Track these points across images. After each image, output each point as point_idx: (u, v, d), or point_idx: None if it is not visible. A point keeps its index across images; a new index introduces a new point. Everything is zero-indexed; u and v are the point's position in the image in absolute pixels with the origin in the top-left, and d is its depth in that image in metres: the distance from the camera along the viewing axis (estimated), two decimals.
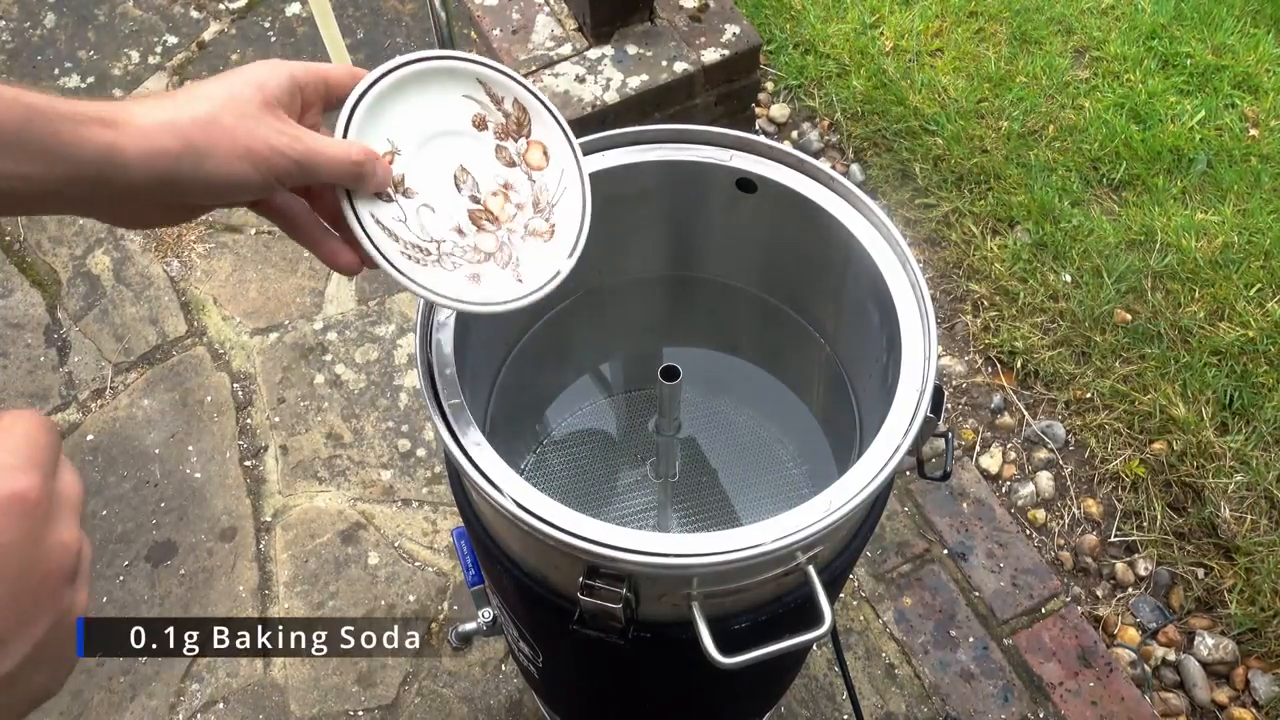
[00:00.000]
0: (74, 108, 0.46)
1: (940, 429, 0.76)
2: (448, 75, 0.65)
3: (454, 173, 0.66)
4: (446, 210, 0.66)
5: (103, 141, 0.46)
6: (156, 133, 0.48)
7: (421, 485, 1.69)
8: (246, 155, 0.51)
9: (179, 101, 0.50)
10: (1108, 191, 2.03)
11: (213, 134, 0.50)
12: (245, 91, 0.51)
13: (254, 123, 0.51)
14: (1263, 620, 1.52)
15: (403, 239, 0.62)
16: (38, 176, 0.45)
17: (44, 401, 1.80)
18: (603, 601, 0.67)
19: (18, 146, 0.44)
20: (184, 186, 0.50)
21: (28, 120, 0.44)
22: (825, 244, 0.86)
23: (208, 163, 0.50)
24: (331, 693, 1.49)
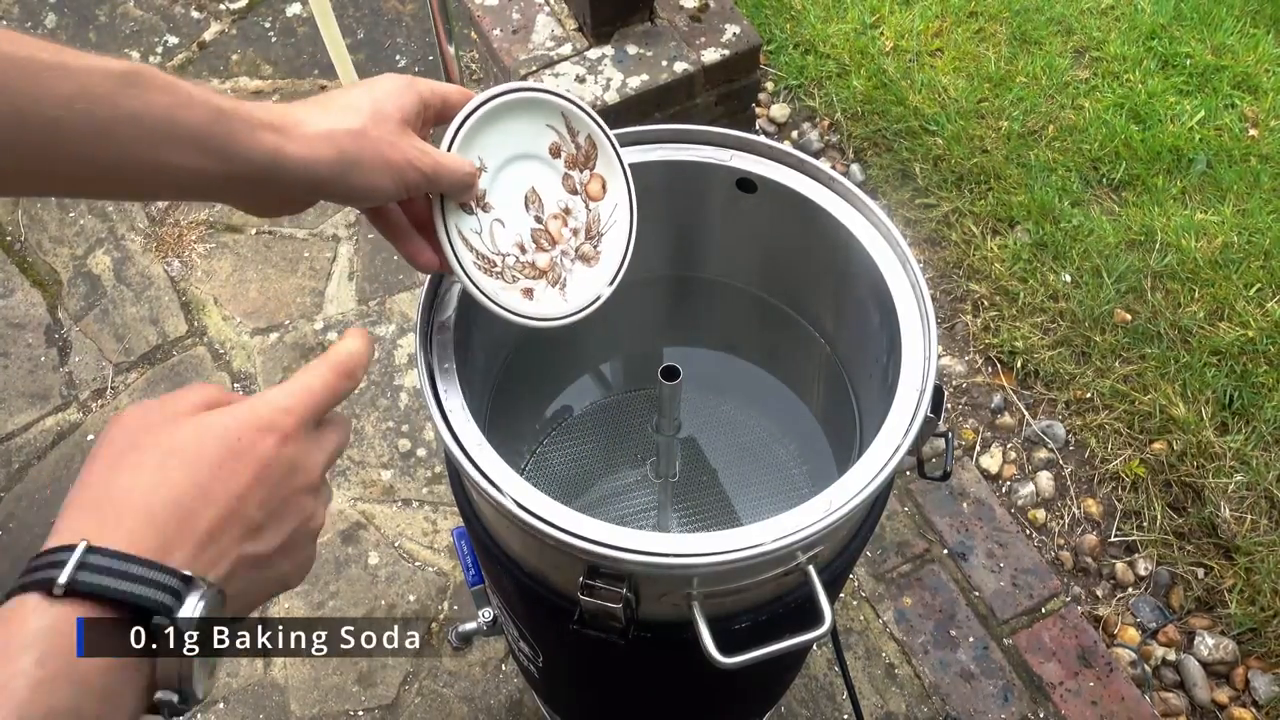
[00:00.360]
0: (251, 112, 0.51)
1: (940, 429, 0.76)
2: (539, 105, 0.72)
3: (525, 193, 0.73)
4: (514, 227, 0.72)
5: (272, 146, 0.52)
6: (317, 141, 0.54)
7: (422, 485, 1.69)
8: (387, 168, 0.58)
9: (332, 112, 0.56)
10: (1108, 191, 2.03)
11: (363, 146, 0.56)
12: (387, 108, 0.58)
13: (395, 137, 0.58)
14: (1263, 620, 1.52)
15: (475, 249, 0.68)
16: (212, 172, 0.50)
17: (45, 401, 1.80)
18: (603, 601, 0.67)
19: (203, 145, 0.49)
20: (330, 189, 0.56)
21: (214, 121, 0.49)
22: (825, 244, 0.86)
23: (355, 172, 0.56)
24: (332, 692, 1.49)
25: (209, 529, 0.40)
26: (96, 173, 0.47)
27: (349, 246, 1.98)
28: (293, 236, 2.00)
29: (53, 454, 1.74)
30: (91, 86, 0.44)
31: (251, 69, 2.29)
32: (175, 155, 0.48)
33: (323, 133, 0.54)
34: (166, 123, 0.47)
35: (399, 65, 2.28)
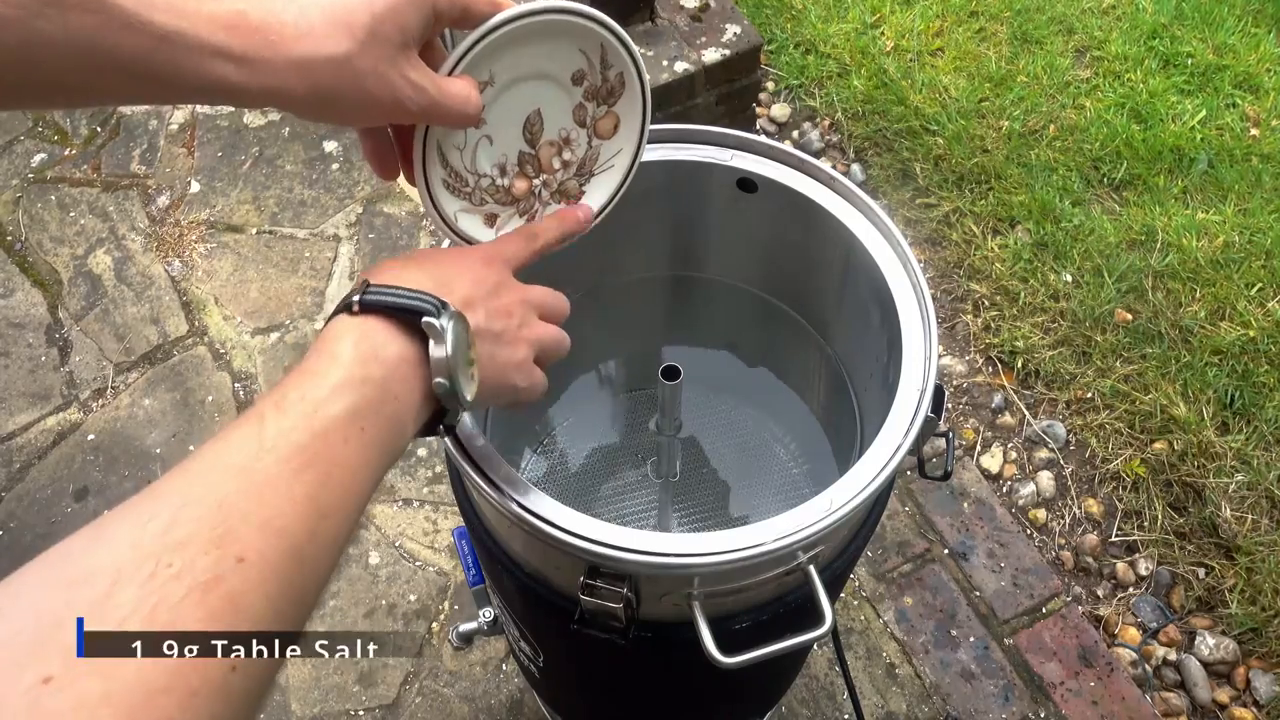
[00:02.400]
0: (203, 33, 0.44)
1: (941, 429, 0.76)
2: (576, 30, 0.63)
3: (529, 114, 0.65)
4: (502, 147, 0.65)
5: (224, 77, 0.46)
6: (287, 72, 0.47)
7: (422, 485, 1.69)
8: (371, 104, 0.51)
9: (320, 32, 0.47)
10: (1109, 191, 2.03)
11: (344, 80, 0.49)
12: (386, 27, 0.49)
13: (386, 66, 0.50)
14: (1264, 620, 1.52)
15: (451, 164, 0.63)
16: (156, 97, 0.47)
17: (45, 401, 1.80)
18: (604, 601, 0.67)
19: (138, 76, 0.44)
20: (301, 115, 0.51)
21: (153, 50, 0.44)
22: (826, 244, 0.86)
23: (331, 107, 0.51)
24: (332, 692, 1.49)
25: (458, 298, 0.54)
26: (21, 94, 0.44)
27: (350, 246, 1.98)
28: (293, 236, 2.00)
29: (53, 454, 1.74)
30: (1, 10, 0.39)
31: None
32: (107, 83, 0.44)
33: (296, 60, 0.47)
34: (91, 50, 0.42)
35: None
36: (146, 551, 0.35)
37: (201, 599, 0.35)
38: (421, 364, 0.50)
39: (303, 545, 0.40)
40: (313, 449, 0.42)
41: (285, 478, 0.41)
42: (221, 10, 0.45)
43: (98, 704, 0.31)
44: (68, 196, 2.08)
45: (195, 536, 0.36)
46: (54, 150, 2.16)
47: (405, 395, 0.49)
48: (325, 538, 0.42)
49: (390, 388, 0.48)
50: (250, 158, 2.13)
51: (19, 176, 2.12)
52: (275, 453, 0.41)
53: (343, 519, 0.44)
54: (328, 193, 2.06)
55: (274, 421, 0.42)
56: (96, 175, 2.12)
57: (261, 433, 0.42)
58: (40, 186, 2.10)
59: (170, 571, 0.35)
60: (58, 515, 1.67)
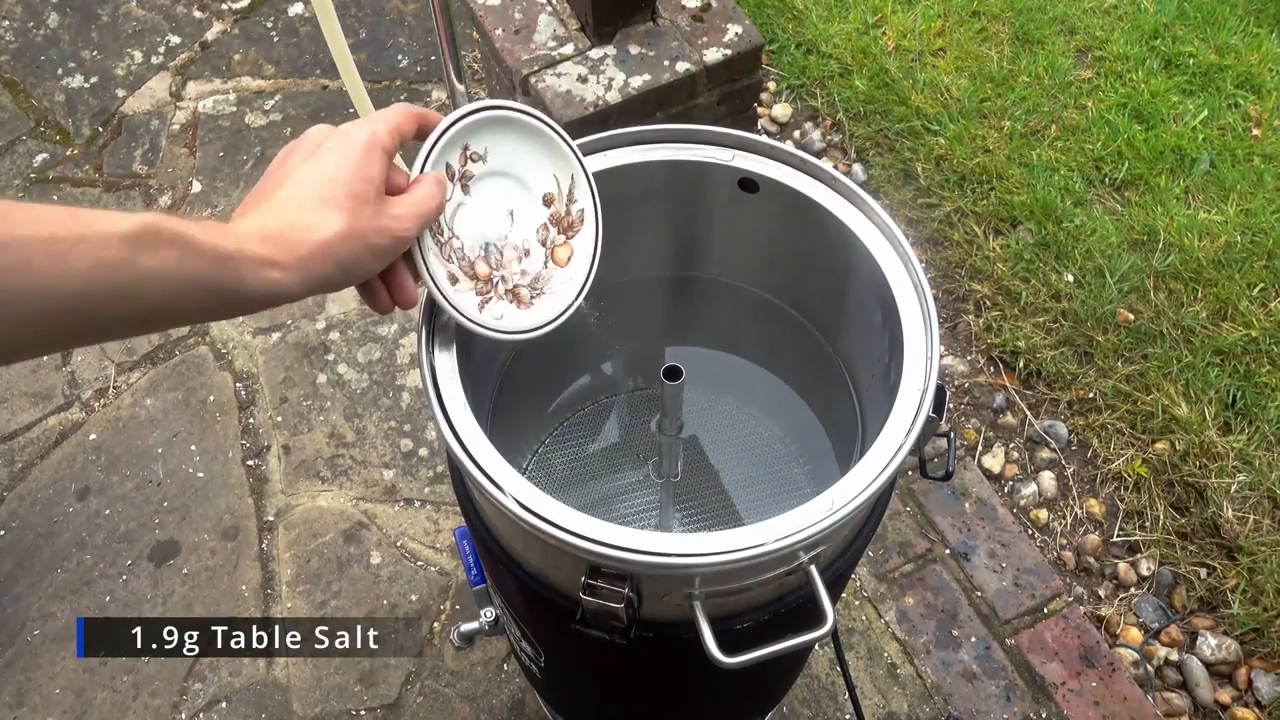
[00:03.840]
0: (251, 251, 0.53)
1: (942, 429, 0.76)
2: (557, 151, 0.73)
3: (508, 208, 0.72)
4: (478, 224, 0.71)
5: (275, 281, 0.54)
6: (314, 263, 0.56)
7: (424, 485, 1.69)
8: (378, 255, 0.60)
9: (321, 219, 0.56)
10: (1110, 191, 2.03)
11: (351, 246, 0.57)
12: (360, 189, 0.58)
13: (376, 220, 0.59)
14: (1266, 620, 1.52)
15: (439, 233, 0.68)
16: (220, 309, 0.54)
17: (47, 401, 1.81)
18: (605, 601, 0.67)
19: (210, 291, 0.52)
20: (341, 288, 0.60)
21: (220, 268, 0.52)
22: (827, 244, 0.86)
23: (353, 273, 0.59)
24: (334, 692, 1.49)
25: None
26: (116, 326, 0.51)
27: None
28: None
29: (55, 453, 1.74)
30: (108, 256, 0.48)
31: (254, 69, 2.29)
32: (188, 302, 0.52)
33: (317, 247, 0.56)
34: (178, 276, 0.50)
35: (401, 65, 2.28)
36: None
37: None
38: None
39: None
40: None
41: None
42: (252, 228, 0.54)
43: None
44: (70, 196, 2.08)
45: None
46: (56, 150, 2.16)
47: None
48: None
49: None
50: (252, 158, 2.13)
51: (21, 176, 2.12)
52: None
53: None
54: None
55: None
56: (98, 175, 2.12)
57: None
58: (42, 186, 2.10)
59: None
60: (59, 515, 1.67)
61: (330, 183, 0.57)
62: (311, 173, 0.57)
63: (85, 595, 1.59)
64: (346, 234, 0.57)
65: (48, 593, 1.60)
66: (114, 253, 0.48)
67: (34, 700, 1.50)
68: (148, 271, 0.49)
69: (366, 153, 0.59)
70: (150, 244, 0.49)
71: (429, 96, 2.22)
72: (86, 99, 2.25)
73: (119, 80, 2.28)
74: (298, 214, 0.56)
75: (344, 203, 0.57)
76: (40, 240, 0.46)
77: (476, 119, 0.67)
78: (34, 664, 1.53)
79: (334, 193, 0.57)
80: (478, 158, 0.69)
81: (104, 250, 0.47)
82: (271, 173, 0.59)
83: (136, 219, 0.49)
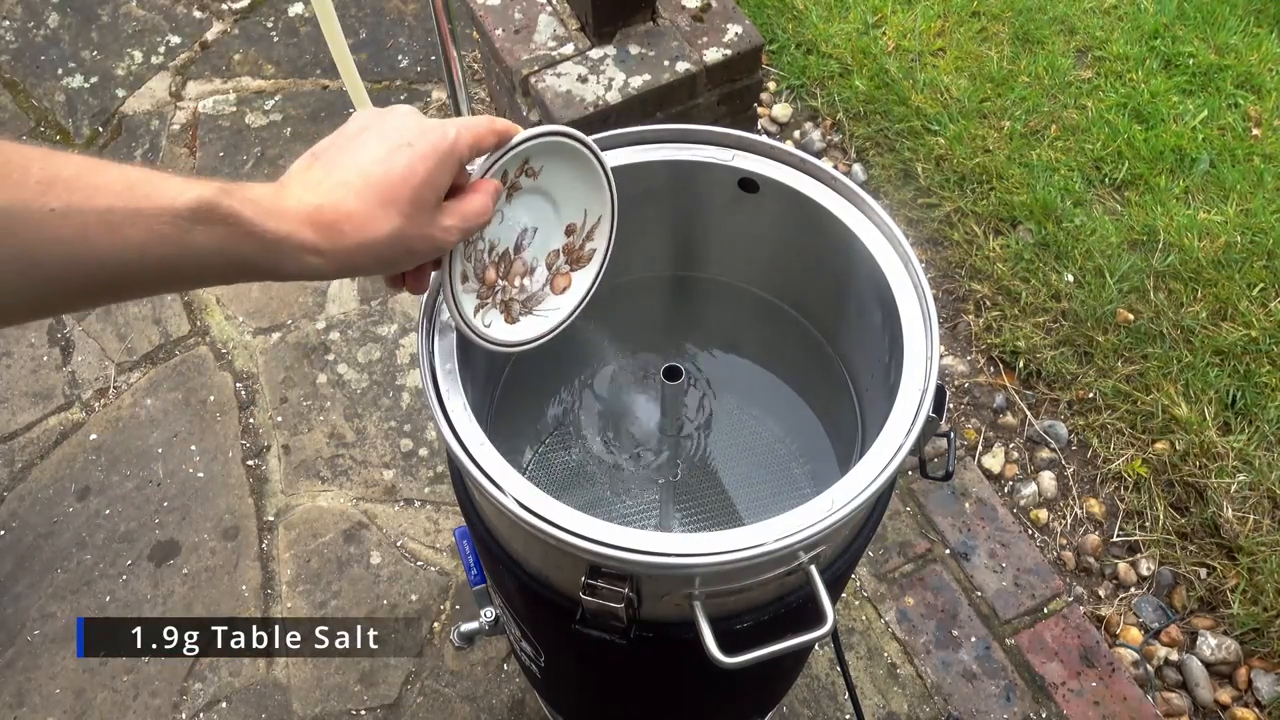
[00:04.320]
0: (298, 238, 0.53)
1: (942, 429, 0.76)
2: (600, 192, 0.76)
3: (526, 226, 0.74)
4: (501, 232, 0.72)
5: (315, 267, 0.55)
6: (356, 254, 0.56)
7: (424, 485, 1.69)
8: (419, 258, 0.60)
9: (377, 216, 0.56)
10: (1110, 191, 2.03)
11: (397, 248, 0.57)
12: (425, 196, 0.57)
13: (429, 229, 0.59)
14: (1265, 620, 1.52)
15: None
16: (245, 281, 0.55)
17: (48, 401, 1.81)
18: (605, 601, 0.67)
19: (251, 272, 0.53)
20: (365, 275, 0.61)
21: (264, 252, 0.52)
22: (827, 244, 0.86)
23: (389, 267, 0.60)
24: (334, 692, 1.49)
25: None
26: (152, 290, 0.52)
27: None
28: None
29: (55, 453, 1.74)
30: (162, 231, 0.48)
31: (254, 69, 2.29)
32: (224, 275, 0.53)
33: (361, 244, 0.55)
34: (225, 255, 0.51)
35: (401, 65, 2.28)
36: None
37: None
38: None
39: None
40: None
41: None
42: (303, 207, 0.54)
43: None
44: None
45: None
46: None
47: None
48: None
49: None
50: (252, 158, 2.13)
51: None
52: None
53: None
54: None
55: None
56: None
57: None
58: None
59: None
60: (60, 515, 1.67)
61: (399, 182, 0.56)
62: (384, 163, 0.56)
63: (85, 595, 1.59)
64: (398, 237, 0.56)
65: (48, 593, 1.60)
66: (168, 228, 0.48)
67: (34, 700, 1.50)
68: (196, 249, 0.50)
69: (443, 160, 0.58)
70: (204, 221, 0.49)
71: (429, 96, 2.22)
72: (86, 99, 2.25)
73: (119, 80, 2.28)
74: (357, 205, 0.55)
75: (405, 207, 0.56)
76: (97, 212, 0.46)
77: (549, 141, 0.68)
78: (34, 664, 1.53)
79: (399, 194, 0.56)
80: (532, 173, 0.70)
81: (158, 224, 0.48)
82: (347, 137, 0.58)
83: (195, 193, 0.49)
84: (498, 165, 0.64)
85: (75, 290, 0.47)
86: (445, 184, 0.59)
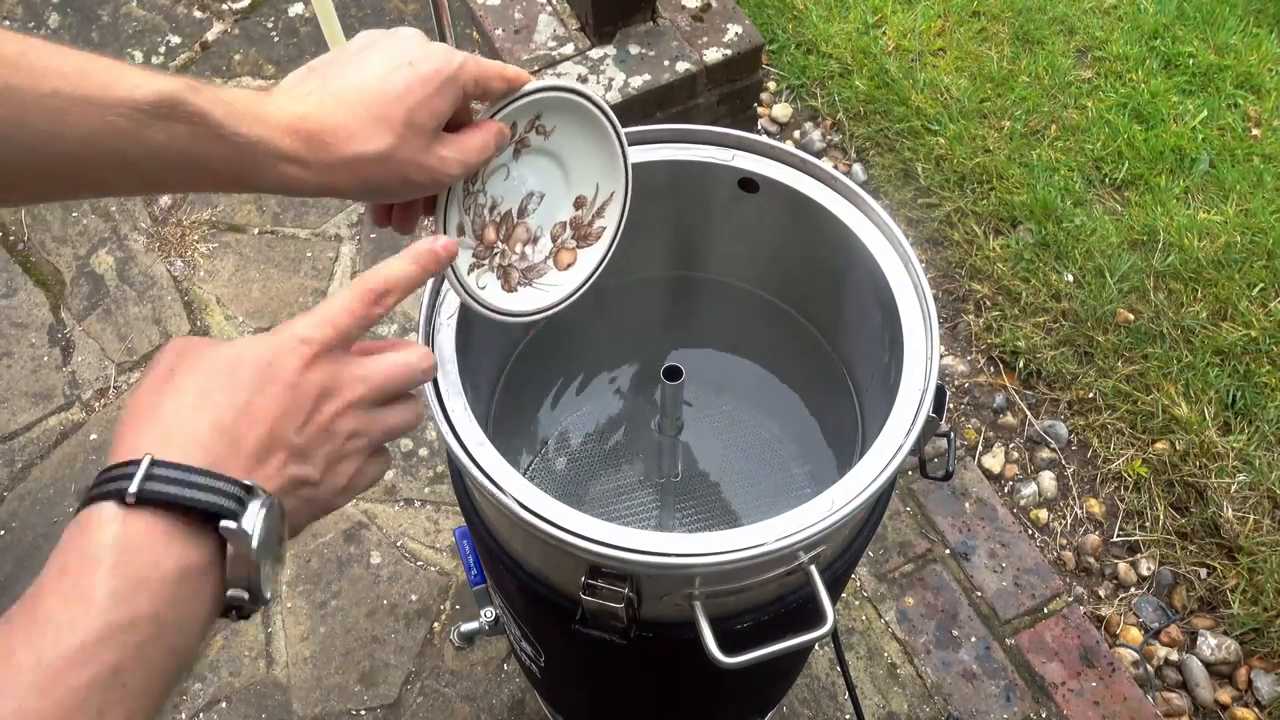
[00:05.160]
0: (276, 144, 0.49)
1: (942, 429, 0.76)
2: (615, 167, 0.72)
3: (534, 190, 0.71)
4: (507, 190, 0.69)
5: (289, 176, 0.51)
6: (338, 170, 0.52)
7: (424, 485, 1.69)
8: (412, 187, 0.56)
9: (366, 131, 0.52)
10: (1110, 191, 2.03)
11: (387, 170, 0.53)
12: (422, 119, 0.54)
13: (423, 155, 0.55)
14: (1265, 620, 1.52)
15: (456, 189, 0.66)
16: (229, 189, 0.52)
17: (48, 401, 1.81)
18: (605, 601, 0.67)
19: (220, 177, 0.50)
20: (352, 200, 0.56)
21: (234, 156, 0.49)
22: (827, 244, 0.86)
23: (376, 193, 0.56)
24: (334, 692, 1.49)
25: (254, 449, 0.43)
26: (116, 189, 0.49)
27: (351, 246, 1.98)
28: (295, 236, 2.00)
29: (56, 453, 1.74)
30: (113, 123, 0.44)
31: (254, 69, 2.29)
32: (199, 184, 0.50)
33: (346, 160, 0.52)
34: (187, 157, 0.47)
35: None
36: None
37: None
38: (210, 569, 0.41)
39: None
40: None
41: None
42: (286, 115, 0.50)
43: None
44: None
45: None
46: None
47: (187, 617, 0.40)
48: None
49: (166, 619, 0.39)
50: None
51: None
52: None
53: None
54: None
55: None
56: None
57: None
58: None
59: None
60: (60, 515, 1.67)
61: (394, 100, 0.53)
62: (381, 79, 0.53)
63: None
64: (386, 158, 0.53)
65: None
66: (122, 121, 0.44)
67: None
68: (155, 145, 0.46)
69: (444, 85, 0.54)
70: (164, 117, 0.45)
71: None
72: None
73: None
74: (345, 118, 0.52)
75: (398, 126, 0.53)
76: (39, 94, 0.42)
77: (563, 97, 0.65)
78: None
79: (393, 112, 0.53)
80: (543, 131, 0.67)
81: (110, 115, 0.44)
82: (348, 53, 0.55)
83: (156, 86, 0.45)
84: (507, 111, 0.62)
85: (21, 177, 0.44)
86: (444, 111, 0.55)
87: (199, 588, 0.40)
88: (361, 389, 0.49)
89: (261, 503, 0.41)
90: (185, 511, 0.40)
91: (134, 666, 0.37)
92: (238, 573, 0.41)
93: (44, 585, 0.38)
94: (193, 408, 0.43)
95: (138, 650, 0.37)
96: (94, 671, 0.36)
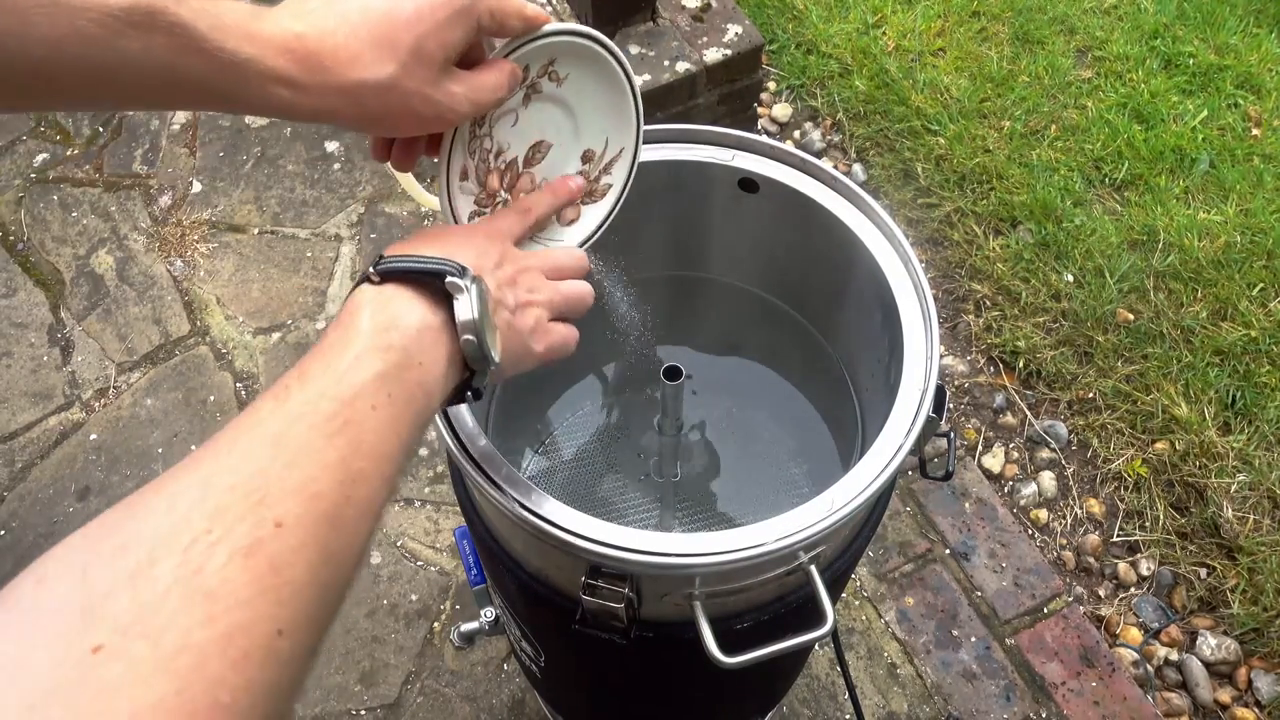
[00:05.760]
0: (267, 62, 0.48)
1: (942, 429, 0.76)
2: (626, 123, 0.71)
3: (542, 139, 0.69)
4: (514, 137, 0.67)
5: (284, 101, 0.49)
6: (338, 96, 0.50)
7: (424, 485, 1.69)
8: (416, 121, 0.54)
9: (367, 56, 0.49)
10: (1110, 191, 2.03)
11: (389, 101, 0.51)
12: (430, 49, 0.51)
13: (430, 88, 0.52)
14: (1265, 620, 1.52)
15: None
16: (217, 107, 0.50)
17: (48, 401, 1.81)
18: (605, 601, 0.67)
19: (205, 95, 0.48)
20: (351, 130, 0.58)
21: (220, 72, 0.47)
22: (828, 244, 0.86)
23: (377, 125, 0.54)
24: (334, 692, 1.49)
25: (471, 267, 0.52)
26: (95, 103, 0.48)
27: (351, 246, 1.98)
28: (295, 236, 2.00)
29: (55, 453, 1.74)
30: (83, 29, 0.42)
31: None
32: (175, 96, 0.47)
33: (344, 85, 0.49)
34: (166, 70, 0.45)
35: None
36: (184, 520, 0.35)
37: (243, 564, 0.35)
38: (445, 328, 0.50)
39: (338, 510, 0.40)
40: (342, 416, 0.42)
41: (317, 444, 0.41)
42: (281, 33, 0.48)
43: (151, 671, 0.31)
44: (70, 196, 2.08)
45: (232, 504, 0.36)
46: (56, 150, 2.16)
47: (430, 362, 0.49)
48: (360, 503, 0.42)
49: (414, 354, 0.48)
50: (252, 158, 2.13)
51: (21, 176, 2.12)
52: (305, 420, 0.41)
53: (377, 484, 0.43)
54: (329, 193, 2.06)
55: (299, 393, 0.43)
56: (99, 175, 2.12)
57: (287, 404, 0.42)
58: (43, 186, 2.10)
59: (210, 539, 0.35)
60: (60, 515, 1.67)
61: (403, 25, 0.50)
62: (391, 2, 0.50)
63: None
64: (389, 88, 0.50)
65: None
66: (93, 27, 0.42)
67: None
68: (129, 55, 0.44)
69: (457, 14, 0.51)
70: (140, 26, 0.43)
71: None
72: None
73: None
74: (347, 39, 0.49)
75: (404, 54, 0.50)
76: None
77: (579, 43, 0.63)
78: None
79: (399, 38, 0.49)
80: (556, 78, 0.65)
81: (80, 21, 0.42)
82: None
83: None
84: (521, 53, 0.59)
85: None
86: (456, 43, 0.52)
87: (437, 339, 0.49)
88: (533, 260, 0.62)
89: (472, 276, 0.51)
90: (418, 283, 0.50)
91: (394, 380, 0.46)
92: (466, 323, 0.50)
93: (323, 339, 0.47)
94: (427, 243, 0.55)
95: (396, 370, 0.46)
96: (369, 373, 0.45)
